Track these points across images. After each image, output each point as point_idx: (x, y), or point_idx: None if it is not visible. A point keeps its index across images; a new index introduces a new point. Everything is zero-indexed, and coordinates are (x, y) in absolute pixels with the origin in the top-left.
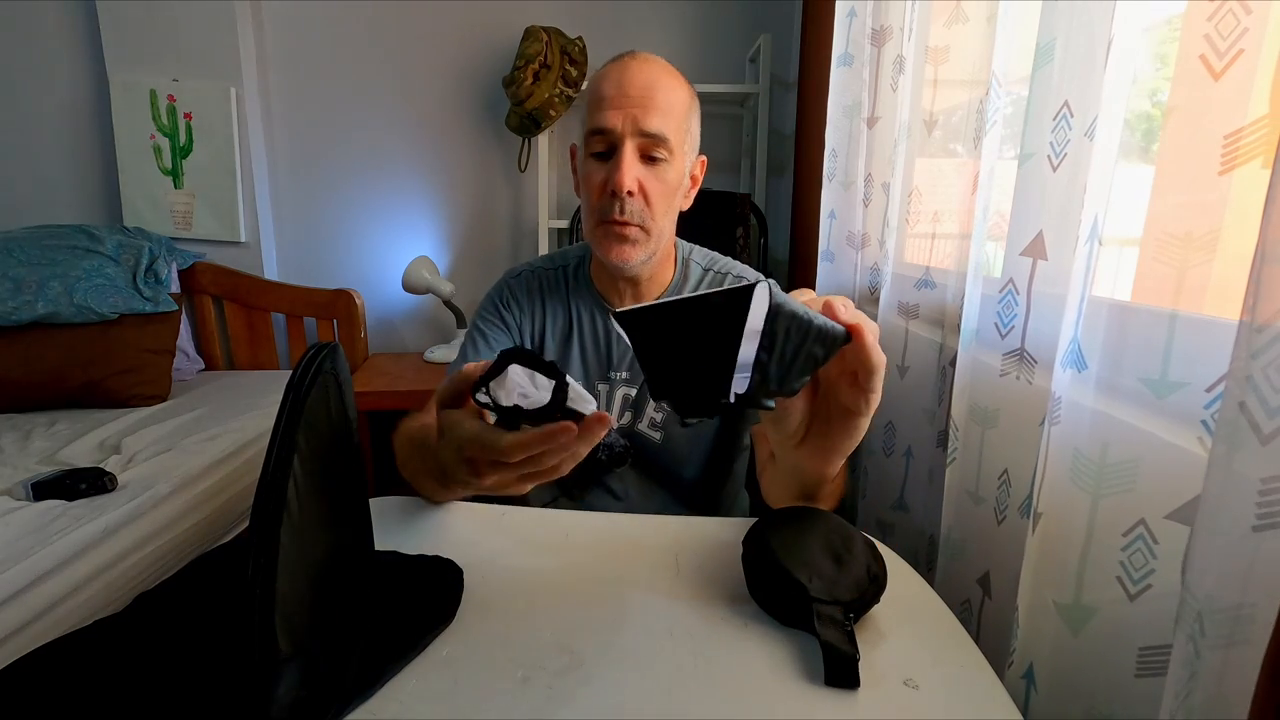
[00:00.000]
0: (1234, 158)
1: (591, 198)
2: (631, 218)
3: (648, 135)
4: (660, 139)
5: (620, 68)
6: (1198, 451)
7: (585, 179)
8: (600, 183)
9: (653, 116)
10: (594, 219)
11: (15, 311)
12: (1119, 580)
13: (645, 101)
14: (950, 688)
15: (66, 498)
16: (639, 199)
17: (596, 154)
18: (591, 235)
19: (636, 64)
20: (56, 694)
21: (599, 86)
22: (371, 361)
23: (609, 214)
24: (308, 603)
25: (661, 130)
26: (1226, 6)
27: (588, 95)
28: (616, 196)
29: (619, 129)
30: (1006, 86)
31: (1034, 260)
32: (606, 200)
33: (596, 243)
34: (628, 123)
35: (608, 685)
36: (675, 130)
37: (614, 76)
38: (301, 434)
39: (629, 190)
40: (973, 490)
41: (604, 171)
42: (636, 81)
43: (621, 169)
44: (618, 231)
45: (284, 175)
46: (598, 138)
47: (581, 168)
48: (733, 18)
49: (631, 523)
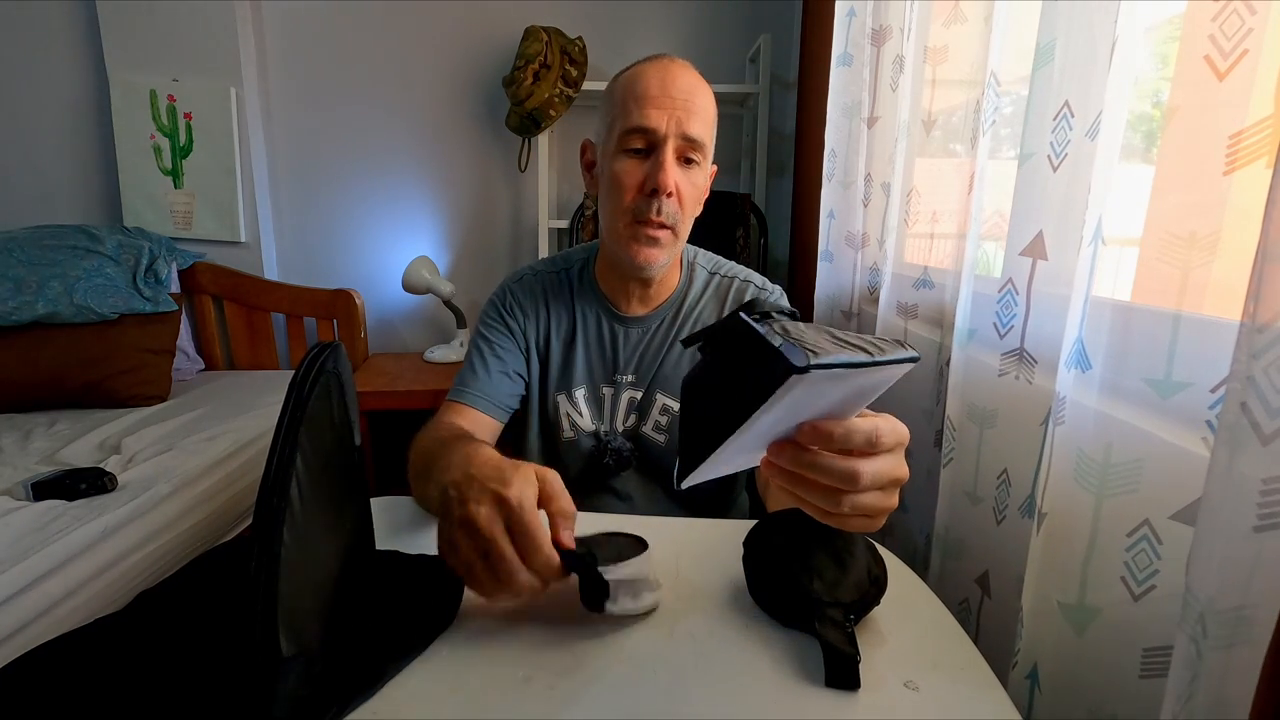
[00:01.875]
0: (1237, 158)
1: (624, 196)
2: (666, 219)
3: (689, 139)
4: (699, 144)
5: (662, 68)
6: (1202, 452)
7: (617, 176)
8: (638, 182)
9: (695, 120)
10: (626, 217)
11: (15, 311)
12: (1123, 581)
13: (688, 105)
14: (950, 689)
15: (66, 498)
16: (675, 201)
17: (632, 150)
18: (617, 235)
19: (678, 67)
20: (56, 693)
21: (638, 84)
22: (371, 361)
23: (645, 213)
24: (309, 602)
25: (701, 135)
26: (1231, 6)
27: (619, 92)
28: (656, 196)
29: (663, 129)
30: (1005, 87)
31: (1034, 260)
32: (643, 200)
33: (623, 243)
34: (672, 124)
35: (609, 686)
36: (708, 137)
37: (656, 76)
38: (304, 433)
39: (669, 191)
40: (971, 490)
41: (641, 170)
42: (680, 84)
43: (665, 169)
44: (649, 234)
45: (284, 175)
46: (637, 135)
47: (609, 164)
48: (733, 18)
49: (633, 524)
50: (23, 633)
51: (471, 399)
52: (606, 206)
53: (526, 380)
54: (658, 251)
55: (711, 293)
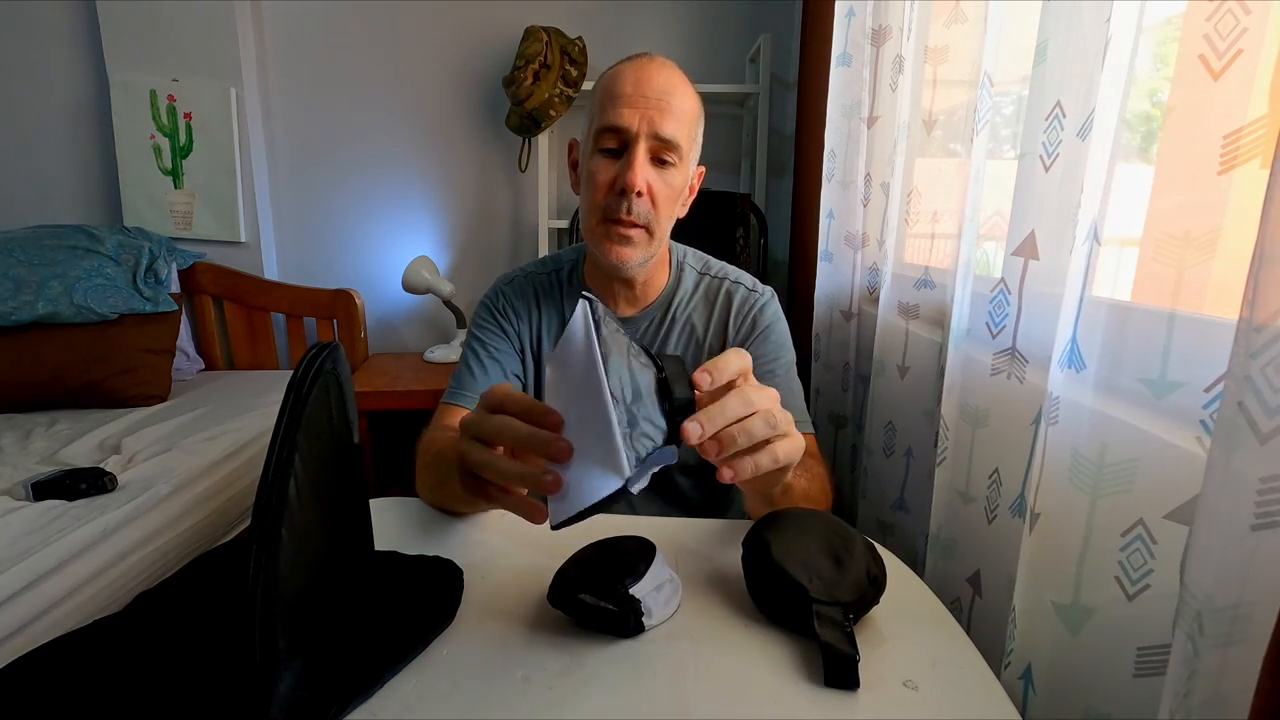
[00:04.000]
0: (1233, 158)
1: (596, 194)
2: (638, 218)
3: (661, 139)
4: (673, 144)
5: (638, 67)
6: (1196, 451)
7: (591, 175)
8: (609, 180)
9: (668, 120)
10: (596, 215)
11: (15, 311)
12: (1117, 580)
13: (662, 105)
14: (949, 689)
15: (66, 498)
16: (646, 200)
17: (606, 150)
18: (591, 233)
19: (655, 66)
20: (56, 694)
21: (614, 83)
22: (371, 361)
23: (615, 212)
24: (308, 603)
25: (675, 136)
26: (1226, 6)
27: (599, 91)
28: (626, 195)
29: (634, 128)
30: (1004, 87)
31: (1025, 260)
32: (613, 198)
33: (596, 241)
34: (643, 123)
35: (607, 686)
36: (685, 137)
37: (631, 75)
38: (302, 434)
39: (639, 190)
40: (963, 489)
41: (613, 169)
42: (655, 83)
43: (634, 168)
44: (620, 232)
45: (284, 175)
46: (610, 135)
47: (586, 163)
48: (733, 18)
49: (632, 524)
50: (23, 633)
51: (469, 401)
52: (583, 205)
53: (524, 381)
54: (630, 250)
55: (701, 293)
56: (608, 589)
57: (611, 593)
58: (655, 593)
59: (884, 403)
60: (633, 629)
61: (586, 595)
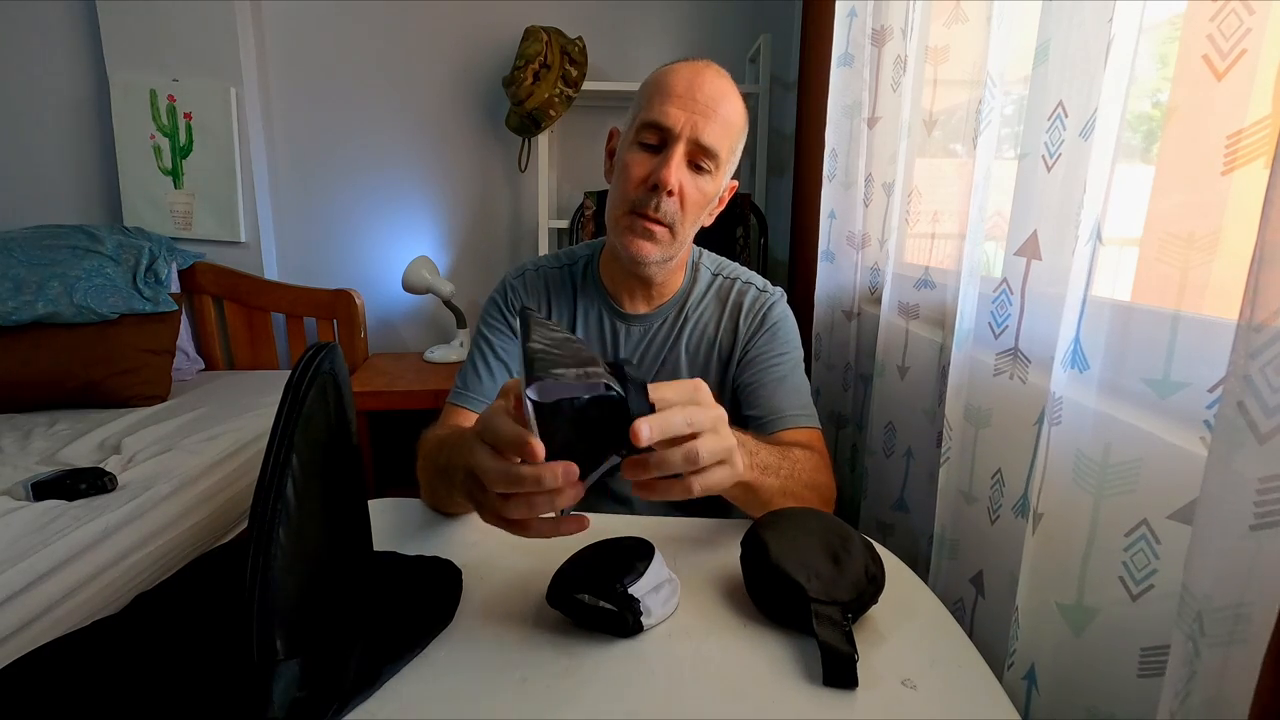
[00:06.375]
0: (1236, 158)
1: (628, 186)
2: (664, 216)
3: (702, 145)
4: (712, 152)
5: (694, 70)
6: (1200, 452)
7: (626, 166)
8: (643, 175)
9: (712, 128)
10: (624, 207)
11: (15, 311)
12: (1121, 580)
13: (709, 111)
14: (948, 688)
15: (66, 498)
16: (676, 201)
17: (645, 144)
18: (616, 224)
19: (711, 72)
20: (56, 694)
21: (666, 80)
22: (371, 361)
23: (643, 206)
24: (306, 603)
25: (715, 144)
26: (1229, 6)
27: (648, 85)
28: (657, 192)
29: (678, 128)
30: (1007, 87)
31: (1028, 260)
32: (644, 193)
33: (619, 232)
34: (688, 125)
35: (606, 686)
36: (726, 148)
37: (686, 76)
38: (300, 434)
39: (670, 189)
40: (966, 490)
41: (649, 164)
42: (707, 89)
43: (670, 166)
44: (645, 226)
45: (284, 175)
46: (652, 130)
47: (623, 153)
48: (733, 18)
49: (631, 524)
50: (23, 633)
51: (475, 403)
52: (612, 195)
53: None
54: (652, 246)
55: (713, 293)
56: (606, 589)
57: (610, 593)
58: (654, 592)
59: (884, 403)
60: (632, 629)
61: (585, 595)
